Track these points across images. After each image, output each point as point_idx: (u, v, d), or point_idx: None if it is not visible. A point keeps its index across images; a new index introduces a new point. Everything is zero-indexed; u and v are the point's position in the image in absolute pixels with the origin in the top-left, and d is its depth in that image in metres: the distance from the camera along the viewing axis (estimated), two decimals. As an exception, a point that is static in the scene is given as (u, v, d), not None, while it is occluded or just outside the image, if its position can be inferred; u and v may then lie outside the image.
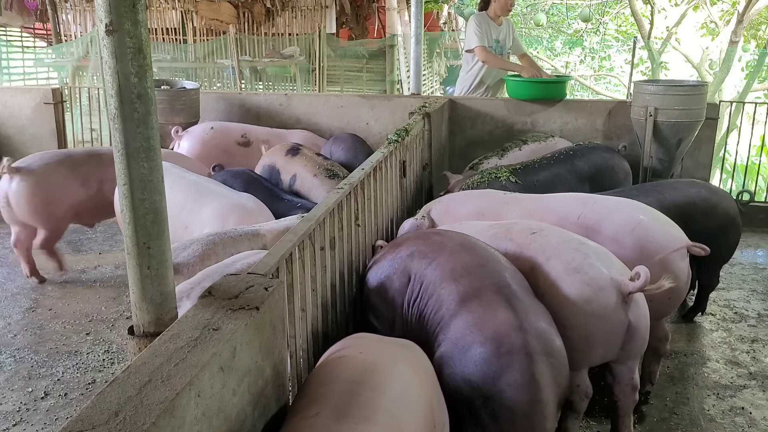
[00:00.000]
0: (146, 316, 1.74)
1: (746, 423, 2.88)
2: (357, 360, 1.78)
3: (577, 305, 2.38)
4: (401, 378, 1.72)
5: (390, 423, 1.54)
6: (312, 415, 1.52)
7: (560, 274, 2.45)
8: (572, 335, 2.36)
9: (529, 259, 2.58)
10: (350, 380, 1.64)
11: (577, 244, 2.55)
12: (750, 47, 13.83)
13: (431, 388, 1.86)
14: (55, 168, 4.19)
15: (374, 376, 1.67)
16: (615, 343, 2.44)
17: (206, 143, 5.23)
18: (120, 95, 1.60)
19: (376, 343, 1.95)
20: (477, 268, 2.35)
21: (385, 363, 1.76)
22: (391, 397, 1.61)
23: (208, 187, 3.63)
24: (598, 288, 2.38)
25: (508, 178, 4.06)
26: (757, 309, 4.01)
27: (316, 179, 4.26)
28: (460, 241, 2.55)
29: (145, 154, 1.65)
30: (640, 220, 2.91)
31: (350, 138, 5.11)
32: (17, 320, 3.79)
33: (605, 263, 2.47)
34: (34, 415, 2.89)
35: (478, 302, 2.23)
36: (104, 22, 1.56)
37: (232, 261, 2.57)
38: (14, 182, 4.07)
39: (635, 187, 3.96)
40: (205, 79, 9.80)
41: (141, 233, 1.70)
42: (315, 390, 1.66)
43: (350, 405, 1.54)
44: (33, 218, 4.16)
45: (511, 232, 2.74)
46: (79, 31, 10.08)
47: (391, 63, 9.87)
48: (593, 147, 4.61)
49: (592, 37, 16.92)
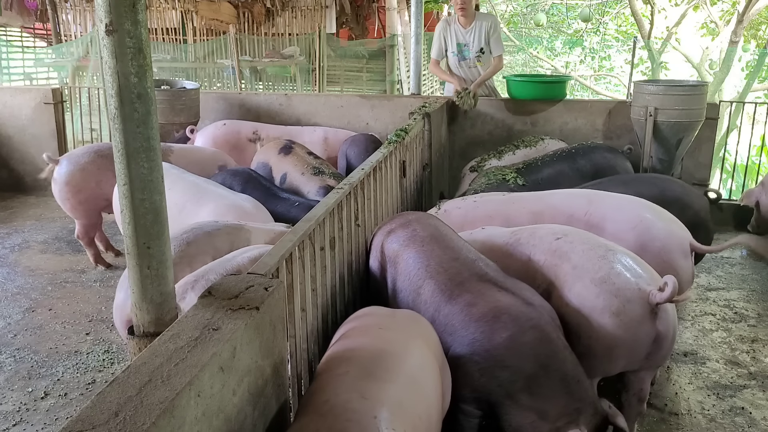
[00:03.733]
0: (146, 316, 1.74)
1: (746, 423, 2.88)
2: (379, 331, 2.01)
3: (604, 317, 2.30)
4: (418, 348, 1.95)
5: (411, 385, 1.76)
6: (342, 373, 1.72)
7: (587, 283, 2.36)
8: (596, 345, 2.32)
9: (553, 266, 2.51)
10: (375, 347, 1.87)
11: (603, 251, 2.45)
12: (750, 47, 13.83)
13: (440, 358, 2.08)
14: (90, 158, 4.32)
15: (397, 345, 1.91)
16: (639, 355, 2.37)
17: (217, 139, 5.27)
18: (120, 95, 1.60)
19: (391, 318, 2.16)
20: (450, 263, 2.42)
21: (404, 335, 2.01)
22: (411, 364, 1.84)
23: (206, 188, 3.63)
24: (626, 300, 2.30)
25: (515, 179, 4.13)
26: (757, 309, 4.01)
27: (303, 177, 4.32)
28: (432, 233, 2.61)
29: (145, 154, 1.65)
30: (643, 218, 2.91)
31: (365, 139, 5.09)
32: (17, 320, 3.79)
33: (633, 272, 2.38)
34: (34, 415, 2.89)
35: (469, 295, 2.26)
36: (104, 22, 1.56)
37: (233, 256, 2.57)
38: (55, 171, 4.33)
39: (611, 179, 3.95)
40: (205, 79, 9.80)
41: (141, 233, 1.70)
42: (342, 353, 1.88)
43: (376, 367, 1.75)
44: (65, 206, 4.38)
45: (534, 238, 2.68)
46: (79, 31, 10.07)
47: (391, 63, 9.87)
48: (595, 146, 4.65)
49: (592, 37, 16.92)
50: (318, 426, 1.51)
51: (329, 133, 5.44)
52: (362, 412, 1.55)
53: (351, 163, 4.85)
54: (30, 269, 4.54)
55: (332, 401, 1.58)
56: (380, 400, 1.61)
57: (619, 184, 3.60)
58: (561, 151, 4.56)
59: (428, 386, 1.84)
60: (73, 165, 4.28)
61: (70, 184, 4.26)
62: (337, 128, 5.60)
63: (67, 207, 4.37)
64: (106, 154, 4.33)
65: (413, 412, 1.69)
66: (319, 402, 1.60)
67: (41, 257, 4.77)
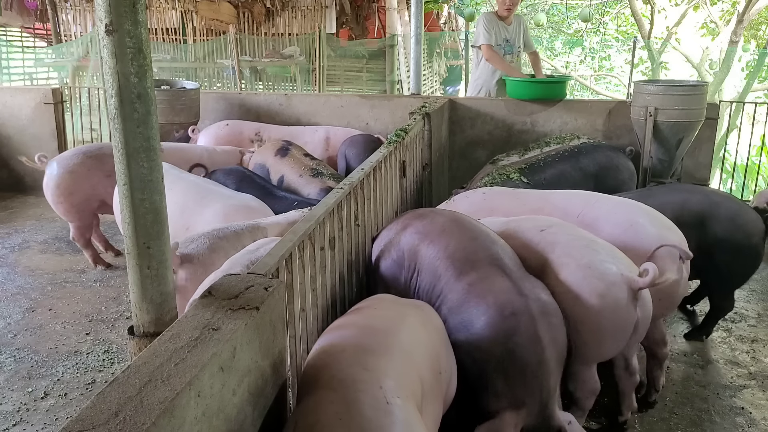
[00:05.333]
0: (146, 316, 1.74)
1: (746, 423, 2.88)
2: (373, 312, 2.12)
3: (590, 300, 2.42)
4: (410, 326, 2.03)
5: (404, 357, 1.84)
6: (339, 351, 1.80)
7: (572, 270, 2.48)
8: (584, 330, 2.42)
9: (540, 255, 2.62)
10: (368, 326, 1.97)
11: (587, 242, 2.60)
12: (750, 47, 13.83)
13: (440, 340, 2.15)
14: (78, 160, 4.31)
15: (388, 322, 2.01)
16: (624, 338, 2.49)
17: (220, 139, 5.27)
18: (120, 95, 1.60)
19: (391, 302, 2.24)
20: (469, 242, 2.47)
21: (396, 315, 2.10)
22: (401, 339, 1.92)
23: (209, 188, 3.63)
24: (611, 283, 2.43)
25: (519, 178, 4.14)
26: (757, 309, 4.01)
27: (301, 179, 4.31)
28: (451, 217, 2.66)
29: (145, 154, 1.65)
30: (634, 222, 2.95)
31: (364, 140, 5.08)
32: (17, 320, 3.79)
33: (615, 260, 2.52)
34: (34, 415, 2.89)
35: (475, 274, 2.35)
36: (104, 22, 1.56)
37: (256, 247, 2.58)
38: (45, 175, 4.32)
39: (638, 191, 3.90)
40: (205, 79, 9.80)
41: (141, 233, 1.70)
42: (335, 333, 1.97)
43: (371, 342, 1.85)
44: (57, 209, 4.37)
45: (521, 229, 2.79)
46: (79, 31, 10.07)
47: (391, 63, 9.87)
48: (598, 146, 4.65)
49: (592, 37, 16.92)
50: (332, 398, 1.58)
51: (330, 133, 5.44)
52: (369, 383, 1.64)
53: (350, 164, 4.84)
54: (30, 269, 4.54)
55: (338, 376, 1.66)
56: (382, 371, 1.71)
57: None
58: (564, 151, 4.57)
59: (420, 358, 1.94)
60: (63, 168, 4.26)
61: (61, 187, 4.25)
62: (338, 127, 5.60)
63: (60, 210, 4.36)
64: (95, 155, 4.33)
65: (410, 382, 1.79)
66: (326, 378, 1.67)
67: (41, 257, 4.77)
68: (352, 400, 1.56)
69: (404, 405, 1.63)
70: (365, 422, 1.51)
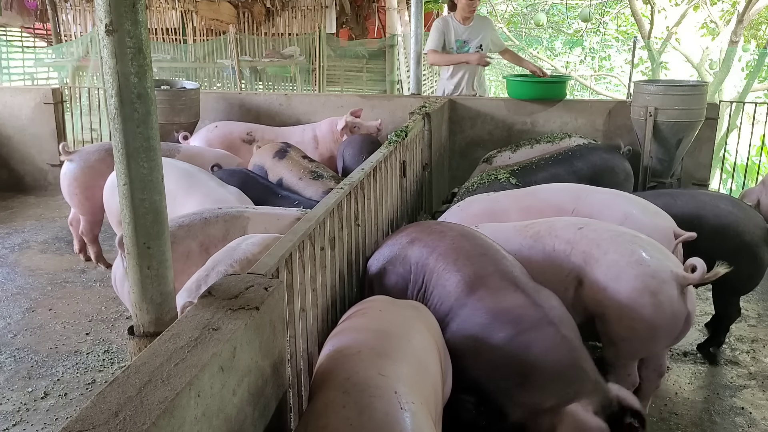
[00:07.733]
0: (146, 316, 1.74)
1: (746, 423, 2.88)
2: (381, 315, 2.10)
3: (643, 298, 2.41)
4: (419, 331, 2.04)
5: (418, 364, 1.85)
6: (354, 353, 1.79)
7: (622, 267, 2.47)
8: (638, 327, 2.42)
9: (582, 253, 2.59)
10: (381, 330, 1.95)
11: (631, 237, 2.58)
12: (750, 47, 13.83)
13: (440, 341, 2.18)
14: (99, 156, 4.36)
15: (400, 327, 2.00)
16: (675, 333, 2.49)
17: (211, 142, 5.25)
18: (120, 95, 1.60)
19: (391, 304, 2.24)
20: (478, 258, 2.42)
21: (403, 319, 2.10)
22: (415, 345, 1.93)
23: (198, 177, 3.64)
24: (663, 281, 2.43)
25: (507, 179, 4.05)
26: (757, 309, 4.01)
27: (301, 182, 4.29)
28: (461, 231, 2.61)
29: (145, 154, 1.65)
30: (630, 214, 2.96)
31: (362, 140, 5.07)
32: (17, 320, 3.79)
33: (663, 255, 2.52)
34: (34, 415, 2.89)
35: (486, 290, 2.30)
36: (104, 22, 1.56)
37: (237, 244, 2.56)
38: (64, 165, 4.39)
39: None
40: (205, 79, 9.80)
41: (141, 233, 1.70)
42: (348, 335, 1.96)
43: (386, 347, 1.84)
44: (71, 200, 4.42)
45: (555, 228, 2.75)
46: (79, 31, 10.07)
47: (391, 63, 9.87)
48: (593, 147, 4.58)
49: (592, 37, 16.93)
50: (344, 402, 1.58)
51: (316, 130, 5.40)
52: (384, 388, 1.63)
53: (347, 165, 4.83)
54: (30, 269, 4.54)
55: (353, 379, 1.66)
56: (397, 377, 1.70)
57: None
58: (558, 153, 4.49)
59: (432, 365, 1.94)
60: (84, 162, 4.33)
61: (79, 180, 4.32)
62: (320, 122, 5.46)
63: (74, 202, 4.41)
64: None
65: (424, 388, 1.79)
66: (341, 380, 1.67)
67: (41, 257, 4.77)
68: (366, 406, 1.56)
69: (418, 411, 1.63)
70: (376, 429, 1.51)
